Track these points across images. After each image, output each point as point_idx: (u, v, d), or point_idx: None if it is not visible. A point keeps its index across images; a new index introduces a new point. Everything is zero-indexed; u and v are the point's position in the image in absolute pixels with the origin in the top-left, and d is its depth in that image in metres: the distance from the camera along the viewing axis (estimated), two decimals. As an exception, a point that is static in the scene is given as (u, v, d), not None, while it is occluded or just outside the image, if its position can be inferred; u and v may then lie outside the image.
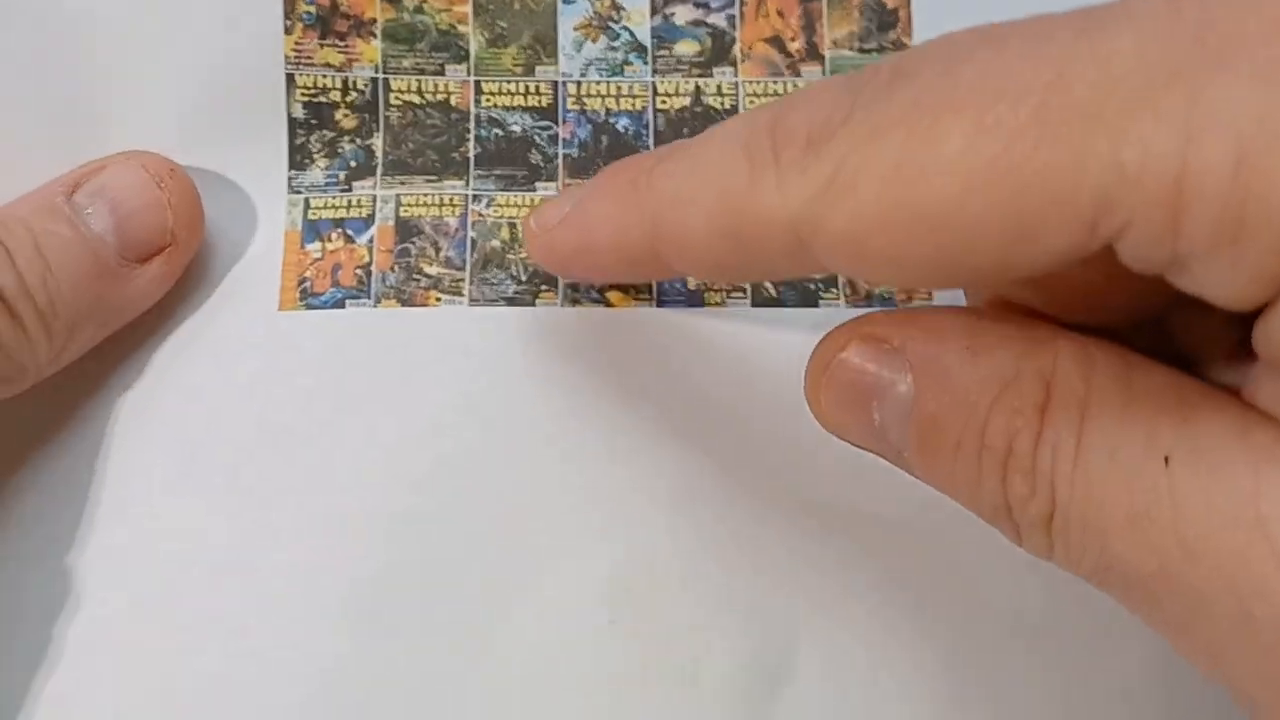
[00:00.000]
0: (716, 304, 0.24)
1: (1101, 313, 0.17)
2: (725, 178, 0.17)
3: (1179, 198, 0.13)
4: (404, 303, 0.24)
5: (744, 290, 0.24)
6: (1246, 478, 0.14)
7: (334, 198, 0.25)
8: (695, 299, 0.24)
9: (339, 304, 0.24)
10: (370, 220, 0.24)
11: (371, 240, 0.24)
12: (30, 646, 0.22)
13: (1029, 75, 0.14)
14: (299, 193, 0.25)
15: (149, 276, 0.23)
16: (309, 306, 0.24)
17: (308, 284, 0.24)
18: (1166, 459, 0.14)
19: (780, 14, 0.25)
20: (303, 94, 0.25)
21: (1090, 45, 0.13)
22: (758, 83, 0.25)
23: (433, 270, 0.24)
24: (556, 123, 0.25)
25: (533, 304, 0.24)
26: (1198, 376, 0.16)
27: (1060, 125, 0.13)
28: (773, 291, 0.24)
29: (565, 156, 0.25)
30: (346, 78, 0.25)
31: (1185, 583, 0.14)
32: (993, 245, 0.14)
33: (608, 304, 0.24)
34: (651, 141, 0.25)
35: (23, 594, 0.22)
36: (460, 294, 0.24)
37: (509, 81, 0.25)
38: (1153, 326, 0.17)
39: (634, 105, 0.25)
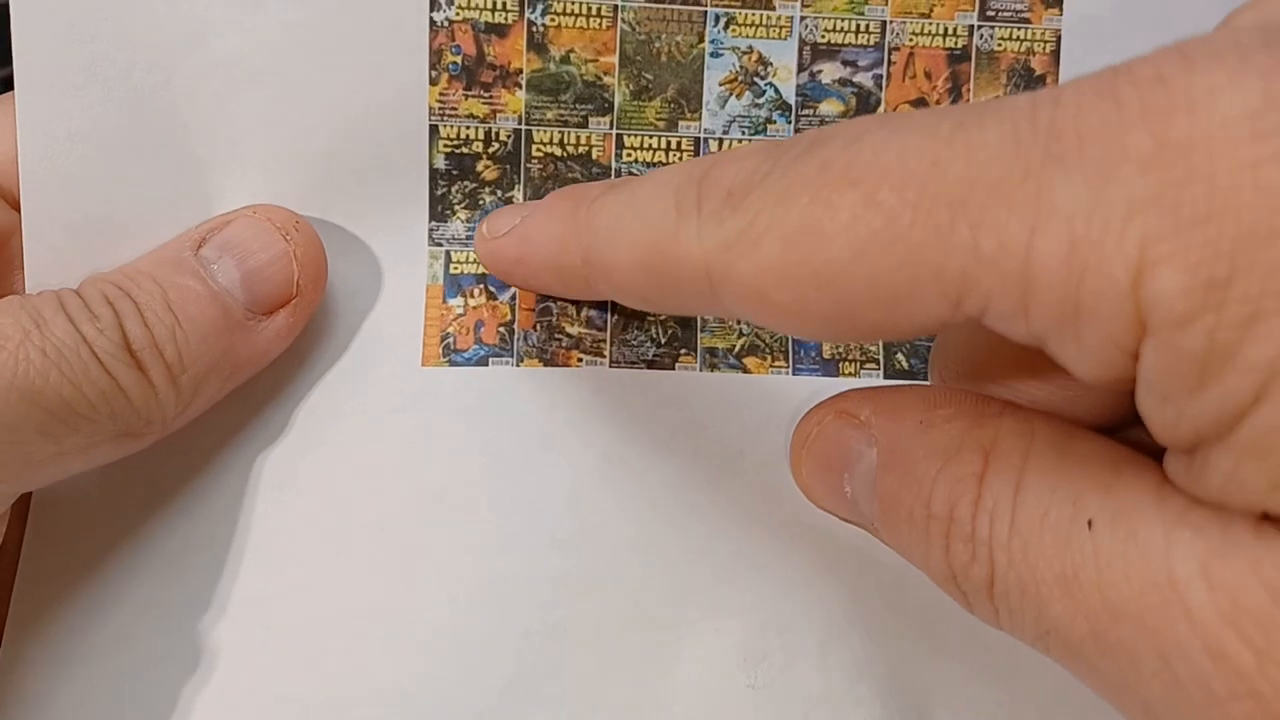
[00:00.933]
0: (850, 374, 0.25)
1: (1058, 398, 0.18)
2: (653, 219, 0.18)
3: (1026, 282, 0.14)
4: (546, 362, 0.24)
5: (877, 362, 0.25)
6: (1159, 541, 0.15)
7: (475, 252, 0.25)
8: (830, 368, 0.25)
9: (482, 361, 0.24)
10: (512, 278, 0.25)
11: (514, 298, 0.25)
12: (162, 701, 0.23)
13: (913, 161, 0.15)
14: (439, 245, 0.25)
15: (274, 329, 0.23)
16: (452, 363, 0.24)
17: (450, 340, 0.24)
18: (1090, 523, 0.15)
19: (928, 75, 0.25)
20: (445, 145, 0.24)
21: (964, 138, 0.15)
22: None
23: (574, 330, 0.25)
24: (698, 181, 0.25)
25: (672, 368, 0.25)
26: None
27: (933, 210, 0.15)
28: (905, 364, 0.25)
29: (706, 217, 0.25)
30: (490, 129, 0.24)
31: (1115, 645, 0.15)
32: (876, 306, 0.15)
33: (744, 370, 0.25)
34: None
35: (153, 647, 0.23)
36: (601, 355, 0.24)
37: (651, 136, 0.25)
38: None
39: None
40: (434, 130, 0.24)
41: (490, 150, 0.24)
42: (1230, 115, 0.13)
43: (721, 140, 0.25)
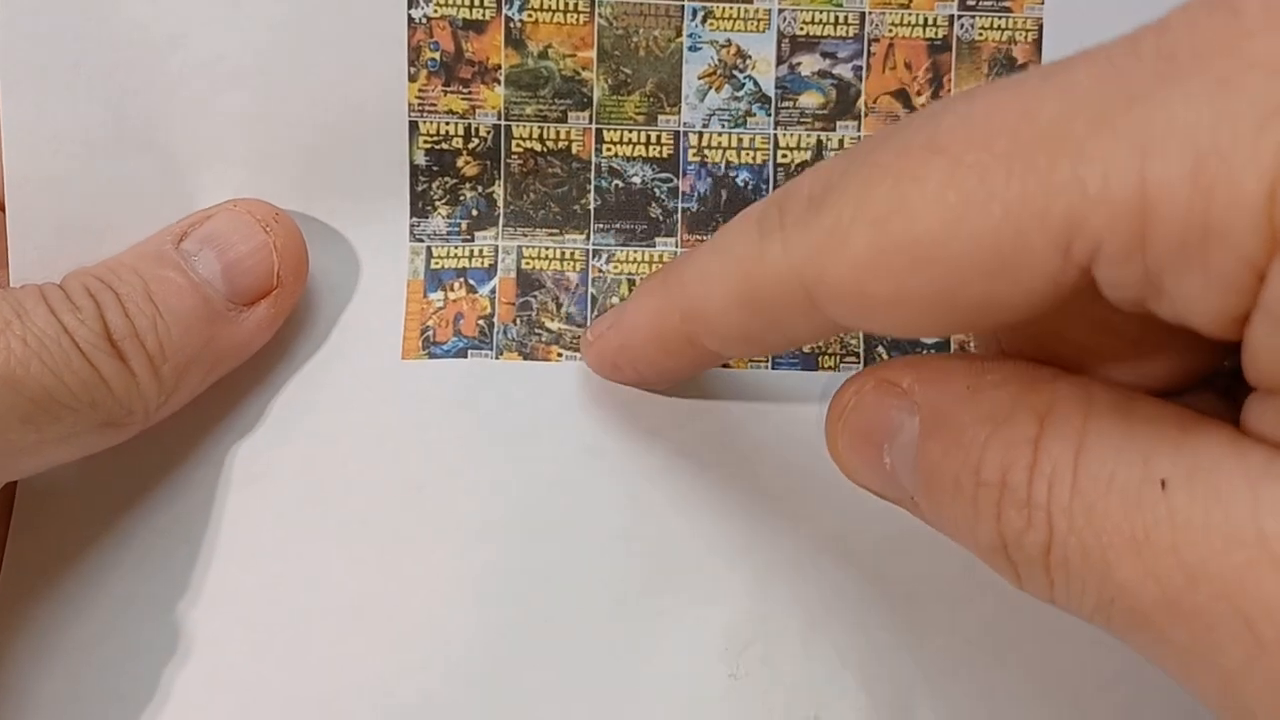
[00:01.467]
0: (830, 367, 0.25)
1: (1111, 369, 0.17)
2: (740, 250, 0.18)
3: (1143, 212, 0.13)
4: (525, 356, 0.24)
5: (857, 355, 0.25)
6: (1245, 496, 0.14)
7: (456, 247, 0.25)
8: (810, 362, 0.25)
9: (461, 353, 0.24)
10: (492, 271, 0.25)
11: (494, 291, 0.25)
12: (144, 693, 0.23)
13: (1000, 116, 0.14)
14: (421, 241, 0.25)
15: (255, 320, 0.23)
16: (431, 355, 0.24)
17: (430, 333, 0.24)
18: (1163, 483, 0.14)
19: (908, 65, 0.25)
20: (425, 141, 0.24)
21: (1054, 82, 0.14)
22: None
23: (554, 325, 0.25)
24: (677, 175, 0.25)
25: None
26: None
27: (1028, 155, 0.14)
28: (886, 357, 0.25)
29: (685, 211, 0.25)
30: (469, 124, 0.24)
31: (1190, 609, 0.14)
32: (980, 278, 0.14)
33: (725, 364, 0.25)
34: (771, 195, 0.25)
35: (136, 638, 0.23)
36: (581, 351, 0.24)
37: (631, 130, 0.25)
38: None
39: (754, 158, 0.25)
40: (414, 126, 0.24)
41: (470, 146, 0.25)
42: None
43: (702, 133, 0.25)
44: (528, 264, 0.25)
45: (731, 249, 0.18)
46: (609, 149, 0.25)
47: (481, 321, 0.25)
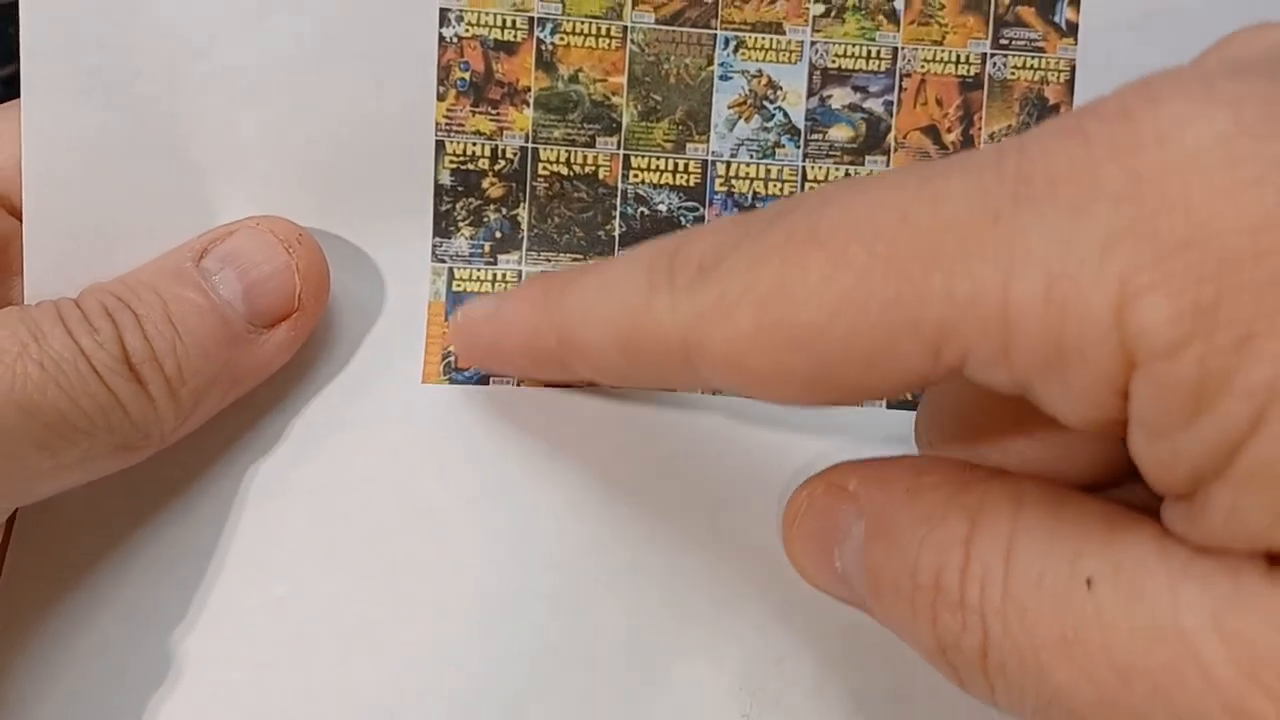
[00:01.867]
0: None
1: (1049, 460, 0.18)
2: (627, 295, 0.18)
3: (1006, 327, 0.14)
4: (546, 383, 0.24)
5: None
6: (1165, 595, 0.14)
7: (478, 269, 0.24)
8: (833, 396, 0.25)
9: (483, 381, 0.24)
10: (515, 297, 0.24)
11: (516, 318, 0.24)
12: (140, 712, 0.22)
13: (879, 217, 0.15)
14: (443, 261, 0.24)
15: (275, 342, 0.23)
16: (453, 381, 0.24)
17: (452, 358, 0.24)
18: (1089, 581, 0.15)
19: (939, 102, 0.25)
20: (451, 161, 0.24)
21: (930, 191, 0.15)
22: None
23: (575, 351, 0.24)
24: (703, 204, 0.25)
25: (674, 390, 0.24)
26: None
27: (904, 262, 0.15)
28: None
29: (711, 240, 0.25)
30: (496, 146, 0.24)
31: (1126, 709, 0.14)
32: (855, 365, 0.15)
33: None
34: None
35: (134, 656, 0.23)
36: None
37: (658, 157, 0.25)
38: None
39: (782, 190, 0.25)
40: (440, 146, 0.24)
41: (496, 167, 0.24)
42: (1201, 143, 0.13)
43: (730, 163, 0.25)
44: (551, 290, 0.24)
45: (618, 292, 0.19)
46: (636, 175, 0.25)
47: (503, 347, 0.24)
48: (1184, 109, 0.13)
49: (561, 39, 0.24)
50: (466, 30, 0.24)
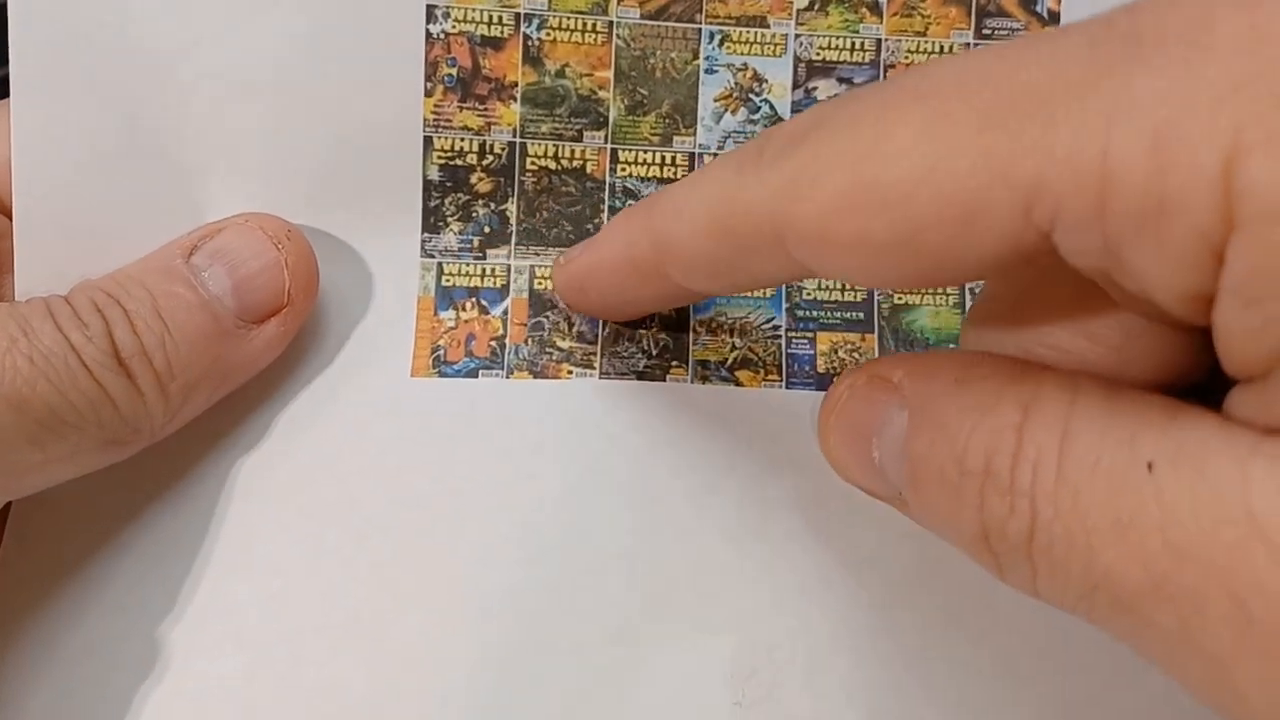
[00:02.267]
0: (843, 391, 0.25)
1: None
2: (718, 183, 0.18)
3: (1102, 182, 0.13)
4: (536, 374, 0.24)
5: (871, 379, 0.25)
6: (1233, 476, 0.14)
7: (467, 264, 0.24)
8: (825, 383, 0.25)
9: (472, 374, 0.24)
10: (505, 291, 0.24)
11: (506, 312, 0.24)
12: (130, 708, 0.22)
13: (982, 75, 0.15)
14: (431, 257, 0.24)
15: (264, 338, 0.23)
16: (442, 375, 0.24)
17: (441, 352, 0.24)
18: (1150, 464, 0.14)
19: (922, 93, 0.25)
20: (439, 156, 0.24)
21: (1038, 50, 0.14)
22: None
23: (565, 344, 0.24)
24: (692, 196, 0.25)
25: (663, 380, 0.24)
26: None
27: (1001, 114, 0.14)
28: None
29: (699, 232, 0.25)
30: (484, 141, 0.24)
31: (1177, 591, 0.14)
32: (944, 225, 0.15)
33: (736, 382, 0.25)
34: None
35: (126, 652, 0.23)
36: (591, 367, 0.24)
37: (645, 151, 0.25)
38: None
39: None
40: (428, 142, 0.24)
41: (484, 162, 0.24)
42: None
43: (716, 155, 0.25)
44: (540, 284, 0.25)
45: (709, 182, 0.18)
46: (623, 169, 0.25)
47: (493, 342, 0.24)
48: None
49: (548, 34, 0.24)
50: (453, 26, 0.24)
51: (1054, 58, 0.14)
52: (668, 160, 0.25)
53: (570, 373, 0.24)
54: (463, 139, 0.24)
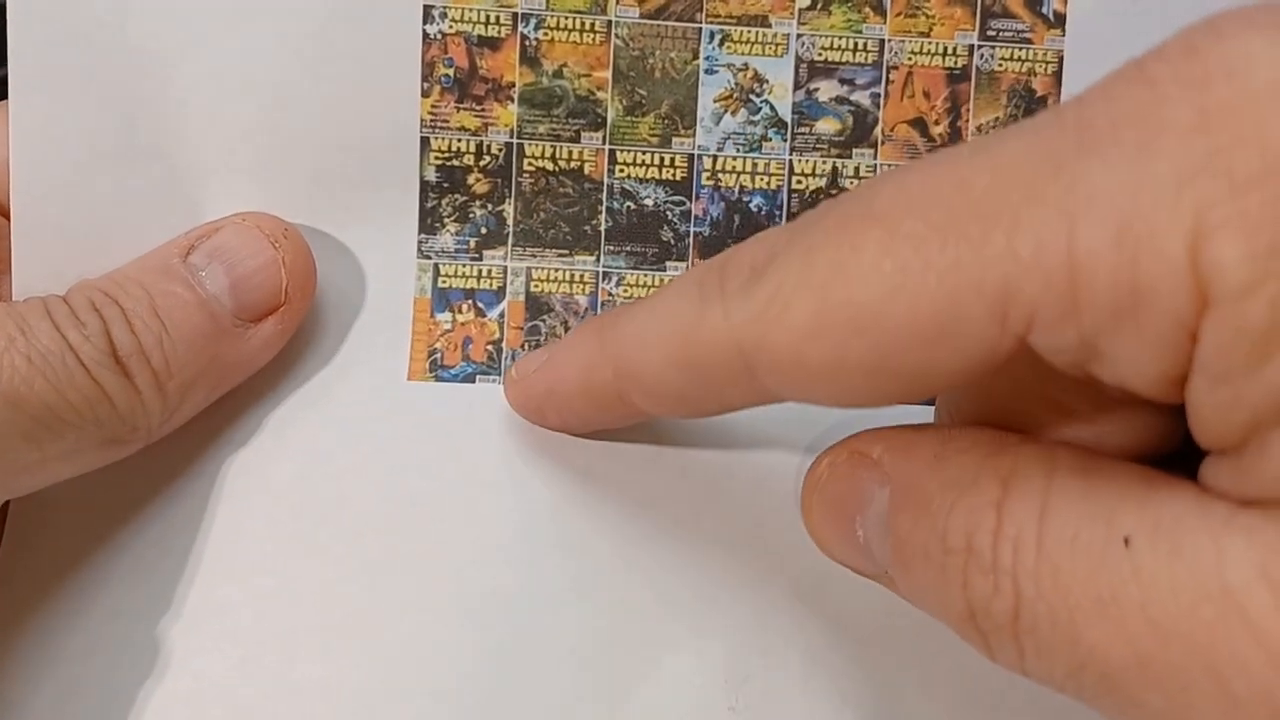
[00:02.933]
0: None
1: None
2: (680, 312, 0.18)
3: (1073, 279, 0.13)
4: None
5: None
6: (1208, 550, 0.14)
7: (464, 265, 0.24)
8: (820, 390, 0.24)
9: (469, 378, 0.24)
10: (501, 293, 0.24)
11: (503, 315, 0.24)
12: (126, 708, 0.22)
13: (934, 187, 0.15)
14: (428, 258, 0.24)
15: (262, 336, 0.23)
16: (438, 379, 0.24)
17: (438, 356, 0.24)
18: (1127, 540, 0.14)
19: (926, 94, 0.25)
20: (436, 157, 0.24)
21: (986, 155, 0.14)
22: (897, 167, 0.25)
23: (562, 347, 0.24)
24: (690, 198, 0.25)
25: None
26: None
27: (961, 226, 0.14)
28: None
29: (696, 235, 0.25)
30: (481, 142, 0.24)
31: (1162, 669, 0.14)
32: (918, 345, 0.15)
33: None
34: (784, 222, 0.25)
35: (122, 653, 0.23)
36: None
37: (644, 152, 0.25)
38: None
39: (769, 184, 0.25)
40: (425, 142, 0.24)
41: (481, 163, 0.24)
42: (1274, 77, 0.13)
43: (716, 157, 0.25)
44: (537, 286, 0.24)
45: (671, 311, 0.18)
46: (622, 170, 0.25)
47: (490, 346, 0.24)
48: (1253, 43, 0.13)
49: (545, 34, 0.24)
50: (450, 27, 0.24)
51: (1006, 161, 0.14)
52: (666, 161, 0.25)
53: (566, 375, 0.24)
54: (460, 140, 0.24)
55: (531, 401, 0.23)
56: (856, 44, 0.25)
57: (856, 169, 0.25)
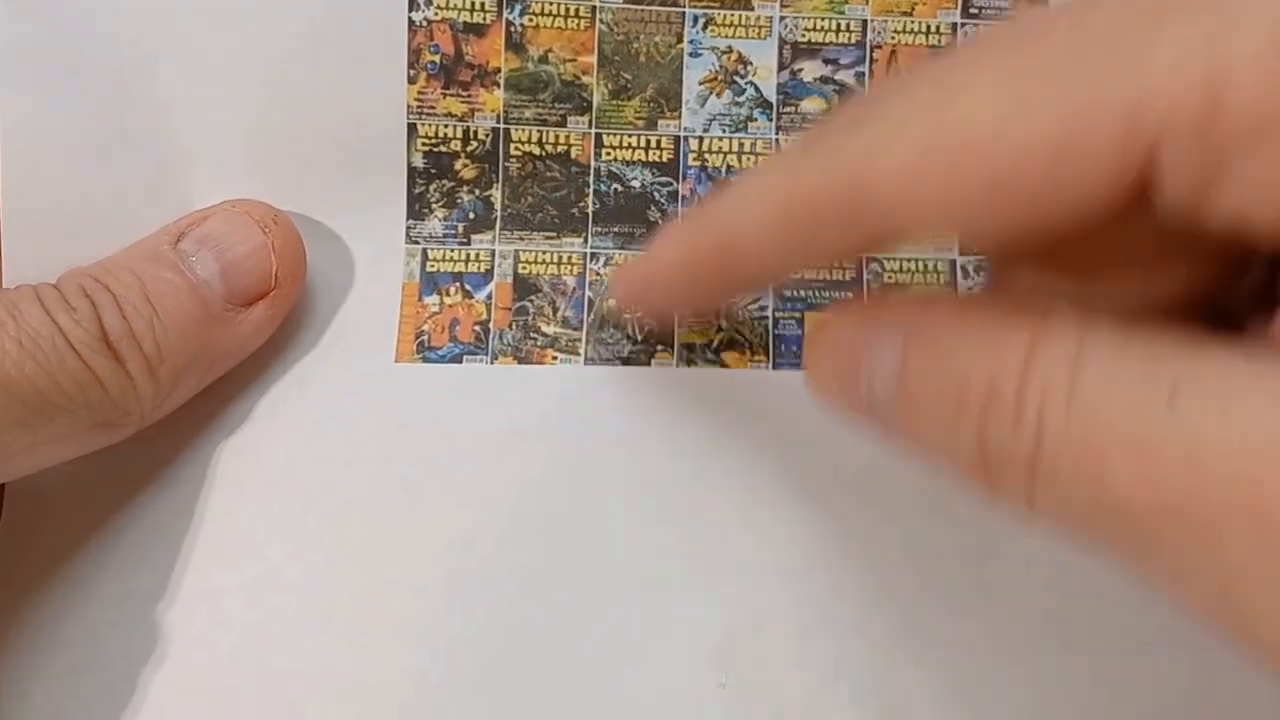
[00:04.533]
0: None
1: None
2: (781, 169, 0.17)
3: (1215, 89, 0.13)
4: (520, 360, 0.24)
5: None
6: (1262, 401, 0.13)
7: (452, 250, 0.25)
8: (810, 368, 0.24)
9: (456, 359, 0.24)
10: (489, 275, 0.24)
11: (490, 297, 0.24)
12: (121, 693, 0.22)
13: (1053, 17, 0.14)
14: (416, 243, 0.25)
15: (253, 321, 0.23)
16: (426, 360, 0.24)
17: (425, 337, 0.24)
18: (1172, 390, 0.14)
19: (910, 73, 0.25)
20: (423, 143, 0.24)
21: None
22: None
23: (550, 329, 0.24)
24: (677, 179, 0.25)
25: (648, 364, 0.24)
26: None
27: (1092, 39, 0.13)
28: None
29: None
30: (468, 127, 0.24)
31: (1193, 514, 0.13)
32: (1035, 171, 0.14)
33: (723, 364, 0.24)
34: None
35: (116, 638, 0.23)
36: (576, 353, 0.24)
37: (630, 135, 0.25)
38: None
39: (756, 163, 0.25)
40: (412, 129, 0.24)
41: (468, 149, 0.24)
42: None
43: (702, 138, 0.25)
44: (524, 268, 0.25)
45: (772, 169, 0.17)
46: (608, 153, 0.25)
47: (477, 327, 0.24)
48: None
49: (530, 20, 0.24)
50: (436, 13, 0.24)
51: None
52: (653, 144, 0.25)
53: (555, 358, 0.24)
54: (446, 125, 0.24)
55: (635, 283, 0.22)
56: (839, 24, 0.25)
57: (842, 148, 0.25)
